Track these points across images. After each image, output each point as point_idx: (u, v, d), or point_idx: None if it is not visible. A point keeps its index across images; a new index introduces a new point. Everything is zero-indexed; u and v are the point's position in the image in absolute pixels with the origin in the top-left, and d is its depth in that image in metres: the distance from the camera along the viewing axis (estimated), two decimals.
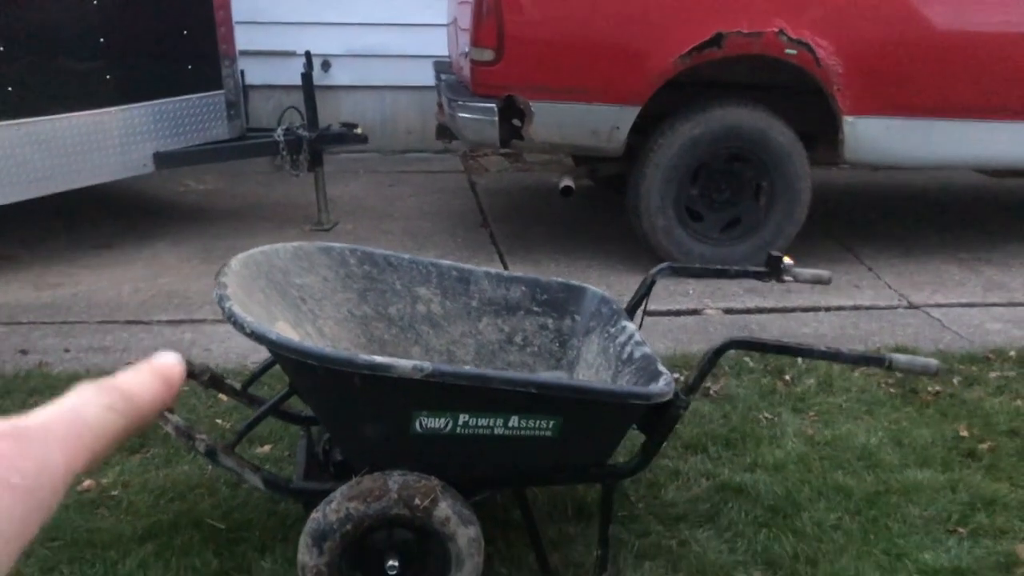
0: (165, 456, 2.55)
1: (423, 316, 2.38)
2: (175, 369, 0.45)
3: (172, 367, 0.45)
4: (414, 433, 1.84)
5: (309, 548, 1.82)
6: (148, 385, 0.44)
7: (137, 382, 0.43)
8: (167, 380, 0.45)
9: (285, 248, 2.25)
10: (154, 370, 0.45)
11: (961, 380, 3.16)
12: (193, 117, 4.44)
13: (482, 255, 4.36)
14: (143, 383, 0.44)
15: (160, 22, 4.30)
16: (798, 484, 2.50)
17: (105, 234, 4.54)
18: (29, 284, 3.87)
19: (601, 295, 2.41)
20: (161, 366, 0.45)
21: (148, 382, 0.44)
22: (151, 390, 0.44)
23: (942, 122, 4.05)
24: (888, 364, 2.00)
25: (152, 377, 0.44)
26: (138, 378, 0.44)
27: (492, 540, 2.12)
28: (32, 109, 3.83)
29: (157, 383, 0.44)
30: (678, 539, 2.26)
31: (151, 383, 0.44)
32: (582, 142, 4.02)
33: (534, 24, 3.84)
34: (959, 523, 2.36)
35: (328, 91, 5.98)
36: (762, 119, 3.99)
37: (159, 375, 0.44)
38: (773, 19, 3.82)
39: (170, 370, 0.45)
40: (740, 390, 3.03)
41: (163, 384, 0.44)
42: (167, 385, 0.45)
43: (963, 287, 4.13)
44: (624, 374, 2.10)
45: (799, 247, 4.21)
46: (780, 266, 2.38)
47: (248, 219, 4.82)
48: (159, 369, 0.45)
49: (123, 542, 2.18)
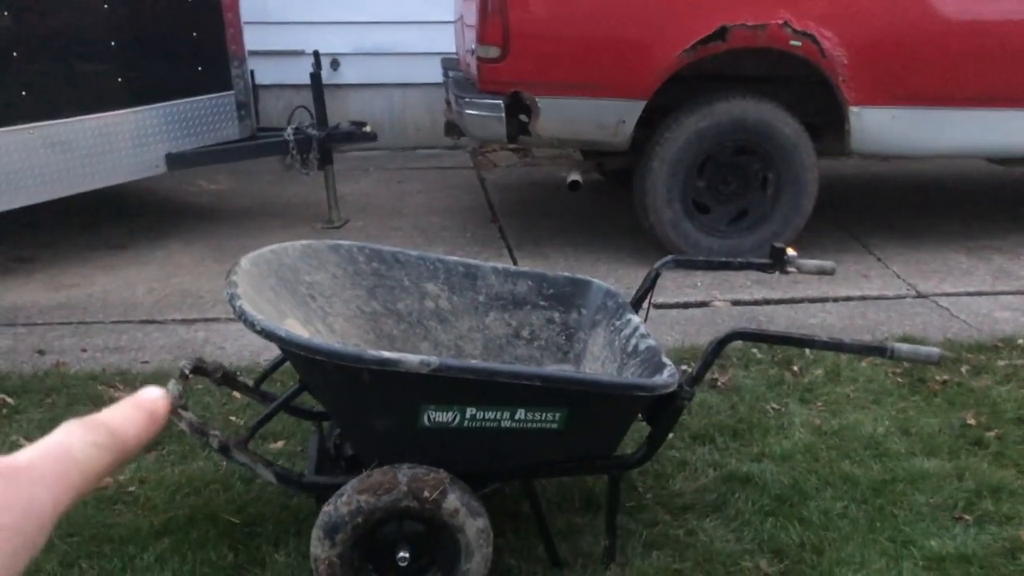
0: (180, 453, 2.59)
1: (431, 312, 2.42)
2: (159, 403, 0.46)
3: (156, 401, 0.46)
4: (422, 427, 1.88)
5: (321, 540, 1.86)
6: (133, 420, 0.44)
7: (122, 417, 0.44)
8: (151, 414, 0.45)
9: (294, 246, 2.29)
10: (139, 405, 0.45)
11: (969, 369, 3.18)
12: (204, 118, 4.49)
13: (491, 250, 4.39)
14: (128, 418, 0.44)
15: (170, 25, 4.35)
16: (805, 473, 2.52)
17: (119, 235, 4.60)
18: (45, 285, 3.93)
19: (606, 288, 2.44)
20: (145, 400, 0.45)
21: (133, 416, 0.44)
22: (136, 424, 0.44)
23: (949, 111, 4.05)
24: (890, 353, 2.02)
25: (137, 412, 0.44)
26: (123, 413, 0.44)
27: (501, 531, 2.15)
28: (46, 112, 3.88)
29: (142, 417, 0.44)
30: (685, 528, 2.29)
31: (136, 417, 0.44)
32: (589, 137, 4.05)
33: (539, 21, 3.87)
34: (965, 510, 2.37)
35: (337, 90, 6.02)
36: (768, 111, 4.01)
37: (144, 409, 0.45)
38: (777, 11, 3.83)
39: (154, 404, 0.45)
40: (747, 381, 3.06)
41: (148, 418, 0.45)
42: (152, 419, 0.45)
43: (971, 276, 4.13)
44: (629, 366, 2.13)
45: (807, 238, 4.23)
46: (784, 258, 2.40)
47: (260, 218, 4.87)
48: (143, 404, 0.45)
49: (140, 537, 2.22)
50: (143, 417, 0.44)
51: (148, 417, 0.45)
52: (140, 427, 0.44)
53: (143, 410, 0.45)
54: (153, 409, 0.45)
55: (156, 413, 0.45)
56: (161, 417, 0.46)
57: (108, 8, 4.10)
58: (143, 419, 0.44)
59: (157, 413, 0.45)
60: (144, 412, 0.45)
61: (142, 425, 0.44)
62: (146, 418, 0.45)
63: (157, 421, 0.45)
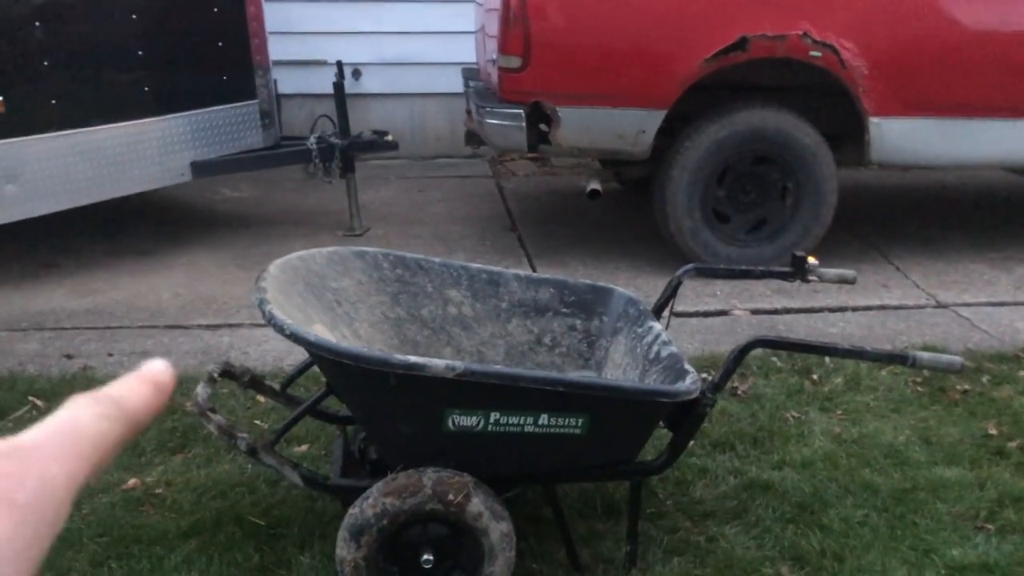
0: (206, 456, 2.63)
1: (454, 318, 2.45)
2: (165, 374, 0.46)
3: (162, 372, 0.46)
4: (447, 431, 1.90)
5: (347, 542, 1.89)
6: (139, 391, 0.44)
7: (128, 389, 0.44)
8: (158, 385, 0.45)
9: (321, 253, 2.33)
10: (144, 377, 0.45)
11: (990, 379, 3.17)
12: (229, 127, 4.55)
13: (511, 258, 4.42)
14: (134, 389, 0.44)
15: (196, 35, 4.42)
16: (825, 481, 2.53)
17: (145, 241, 4.66)
18: (73, 290, 3.99)
19: (628, 296, 2.46)
20: (151, 372, 0.45)
21: (139, 388, 0.44)
22: (143, 396, 0.44)
23: (969, 121, 4.05)
24: (912, 362, 2.03)
25: (143, 384, 0.45)
26: (129, 386, 0.44)
27: (524, 536, 2.18)
28: (75, 121, 3.95)
29: (148, 389, 0.45)
30: (706, 535, 2.30)
31: (142, 389, 0.44)
32: (608, 146, 4.08)
33: (560, 31, 3.90)
34: (987, 519, 2.38)
35: (359, 99, 6.07)
36: (787, 121, 4.02)
37: (149, 381, 0.45)
38: (798, 22, 3.84)
39: (160, 375, 0.45)
40: (768, 389, 3.07)
41: (154, 389, 0.45)
42: (158, 390, 0.45)
43: (993, 286, 4.12)
44: (651, 373, 2.15)
45: (827, 247, 4.23)
46: (804, 266, 2.42)
47: (282, 225, 4.92)
48: (149, 375, 0.45)
49: (168, 538, 2.26)
50: (149, 388, 0.44)
51: (154, 388, 0.45)
52: (147, 398, 0.44)
53: (149, 382, 0.45)
54: (159, 380, 0.45)
55: (162, 384, 0.45)
56: (167, 388, 0.45)
57: (136, 18, 4.17)
58: (149, 390, 0.44)
59: (163, 384, 0.45)
60: (150, 384, 0.45)
61: (149, 396, 0.44)
62: (152, 389, 0.45)
63: (164, 392, 0.45)
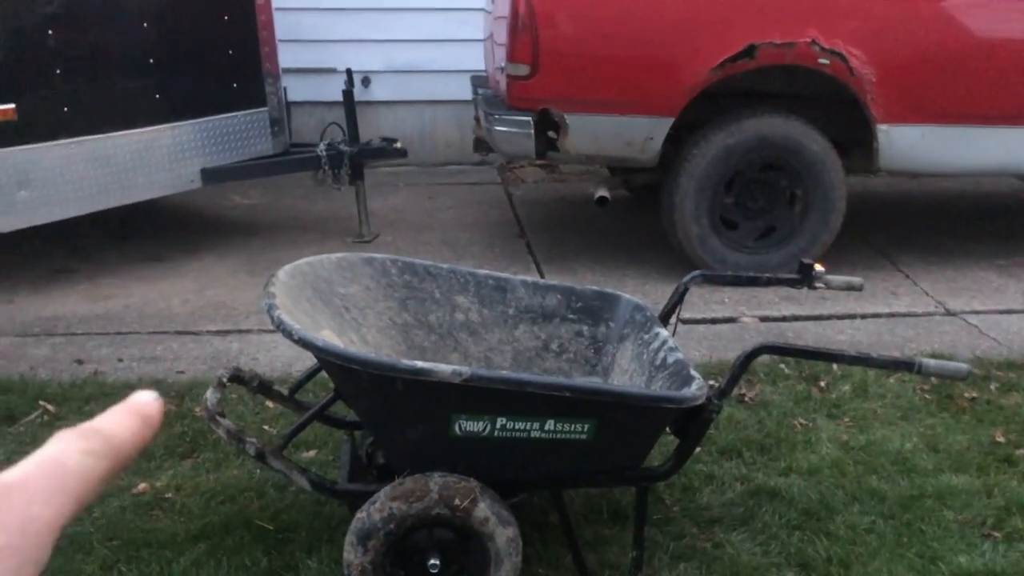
0: (215, 461, 2.65)
1: (461, 324, 2.46)
2: (152, 406, 0.45)
3: (148, 404, 0.45)
4: (454, 436, 1.91)
5: (354, 547, 1.90)
6: (126, 424, 0.44)
7: (116, 423, 0.43)
8: (145, 418, 0.45)
9: (329, 259, 2.35)
10: (131, 409, 0.45)
11: (999, 386, 3.17)
12: (239, 134, 4.58)
13: (519, 265, 4.43)
14: (121, 423, 0.44)
15: (206, 42, 4.45)
16: (832, 488, 2.53)
17: (156, 248, 4.69)
18: (84, 296, 4.02)
19: (635, 302, 2.47)
20: (138, 404, 0.45)
21: (126, 421, 0.44)
22: (130, 429, 0.44)
23: (978, 129, 4.04)
24: (918, 369, 2.03)
25: (130, 416, 0.44)
26: (116, 419, 0.44)
27: (530, 541, 2.18)
28: (87, 128, 3.99)
29: (135, 421, 0.44)
30: (712, 541, 2.31)
31: (129, 422, 0.44)
32: (616, 153, 4.09)
33: (568, 39, 3.92)
34: (994, 527, 2.37)
35: (368, 106, 6.10)
36: (796, 128, 4.02)
37: (136, 413, 0.44)
38: (806, 29, 3.85)
39: (147, 407, 0.45)
40: (775, 396, 3.07)
41: (142, 422, 0.44)
42: (146, 422, 0.44)
43: (1002, 294, 4.12)
44: (658, 379, 2.15)
45: (836, 255, 4.23)
46: (812, 273, 2.42)
47: (292, 232, 4.95)
48: (136, 407, 0.45)
49: (177, 542, 2.28)
50: (137, 421, 0.44)
51: (142, 421, 0.44)
52: (134, 431, 0.44)
53: (136, 414, 0.44)
54: (146, 413, 0.45)
55: (149, 417, 0.45)
56: (155, 420, 0.45)
57: (147, 27, 4.20)
58: (137, 423, 0.44)
59: (150, 417, 0.45)
60: (137, 416, 0.44)
61: (136, 429, 0.44)
62: (140, 422, 0.44)
63: (151, 425, 0.45)
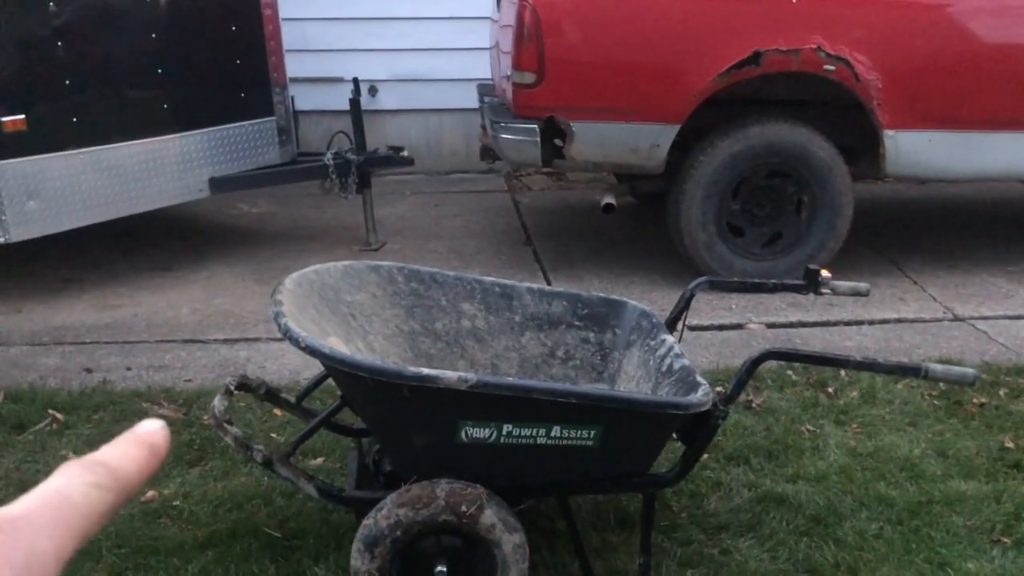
0: (223, 468, 2.65)
1: (468, 331, 2.46)
2: (158, 436, 0.45)
3: (155, 434, 0.45)
4: (460, 442, 1.92)
5: (361, 554, 1.90)
6: (133, 456, 0.43)
7: (122, 454, 0.43)
8: (152, 448, 0.44)
9: (336, 267, 2.35)
10: (138, 439, 0.44)
11: (1007, 392, 3.16)
12: (246, 143, 4.61)
13: (526, 272, 4.44)
14: (127, 454, 0.43)
15: (214, 52, 4.48)
16: (840, 494, 2.53)
17: (164, 257, 4.71)
18: (93, 305, 4.04)
19: (641, 309, 2.47)
20: (145, 434, 0.44)
21: (132, 453, 0.43)
22: (136, 461, 0.43)
23: (985, 134, 4.04)
24: (925, 374, 2.03)
25: (136, 447, 0.44)
26: (122, 450, 0.43)
27: (537, 548, 2.19)
28: (96, 138, 4.02)
29: (142, 452, 0.44)
30: (720, 548, 2.30)
31: (136, 452, 0.43)
32: (623, 160, 4.09)
33: (574, 47, 3.93)
34: (1003, 533, 2.36)
35: (375, 115, 6.13)
36: (802, 134, 4.02)
37: (143, 444, 0.44)
38: (811, 36, 3.86)
39: (153, 437, 0.44)
40: (782, 403, 3.06)
41: (148, 452, 0.44)
42: (152, 453, 0.44)
43: (1010, 299, 4.10)
44: (664, 385, 2.15)
45: (843, 261, 4.22)
46: (818, 279, 2.42)
47: (299, 240, 4.97)
48: (143, 438, 0.44)
49: (185, 550, 2.28)
50: (143, 452, 0.44)
51: (148, 452, 0.44)
52: (140, 463, 0.43)
53: (143, 444, 0.44)
54: (153, 443, 0.44)
55: (156, 447, 0.44)
56: (161, 450, 0.44)
57: (155, 37, 4.23)
58: (143, 454, 0.43)
59: (157, 447, 0.44)
60: (144, 447, 0.44)
61: (142, 460, 0.43)
62: (146, 453, 0.44)
63: (158, 455, 0.44)
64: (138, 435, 0.44)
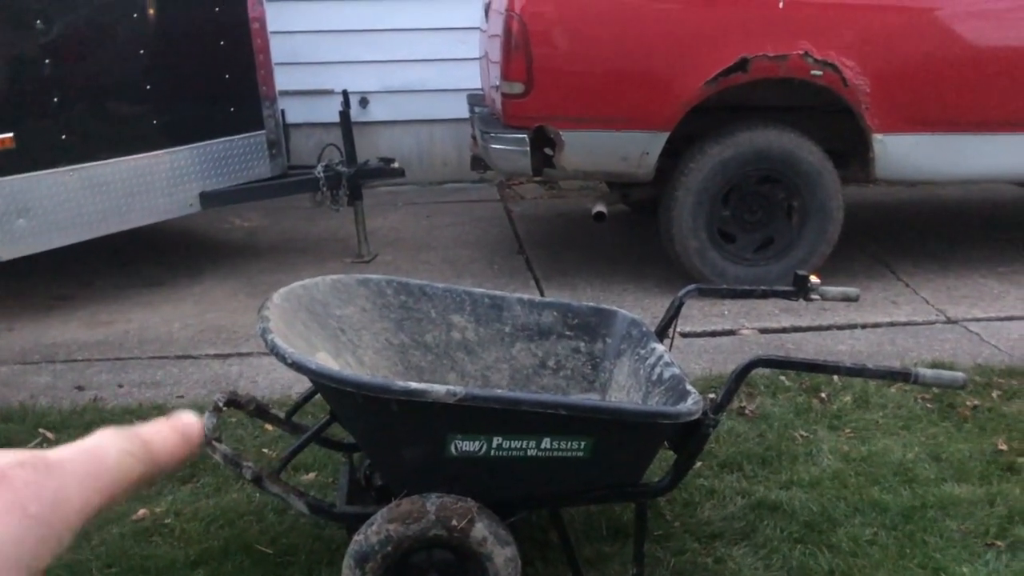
0: (215, 485, 2.64)
1: (458, 343, 2.46)
2: (194, 427, 0.47)
3: (191, 425, 0.47)
4: (450, 456, 1.91)
5: (352, 569, 1.89)
6: (168, 438, 0.45)
7: (157, 434, 0.45)
8: (186, 437, 0.46)
9: (324, 281, 2.35)
10: (175, 426, 0.46)
11: (1000, 394, 3.15)
12: (236, 157, 4.60)
13: (519, 281, 4.43)
14: (163, 435, 0.45)
15: (203, 67, 4.48)
16: (834, 500, 2.52)
17: (155, 272, 4.70)
18: (84, 322, 4.02)
19: (631, 318, 2.46)
20: (182, 423, 0.47)
21: (168, 435, 0.45)
22: (170, 443, 0.45)
23: (974, 136, 4.05)
24: (915, 378, 2.02)
25: (173, 432, 0.46)
26: (159, 430, 0.45)
27: (530, 560, 2.18)
28: (85, 154, 4.01)
29: (176, 438, 0.46)
30: (714, 556, 2.29)
31: (171, 437, 0.46)
32: (613, 168, 4.10)
33: (562, 57, 3.94)
34: (997, 536, 2.36)
35: (366, 127, 6.13)
36: (791, 140, 4.03)
37: (179, 431, 0.46)
38: (798, 42, 3.87)
39: (189, 428, 0.47)
40: (775, 409, 3.06)
41: (182, 439, 0.46)
42: (186, 441, 0.46)
43: (1002, 301, 4.11)
44: (654, 394, 2.15)
45: (835, 265, 4.23)
46: (807, 285, 2.42)
47: (291, 254, 4.96)
48: (179, 426, 0.46)
49: (176, 568, 2.27)
50: (177, 438, 0.46)
51: (182, 439, 0.46)
52: (174, 446, 0.45)
53: (178, 431, 0.46)
54: (188, 432, 0.46)
55: (190, 436, 0.46)
56: (195, 441, 0.47)
57: (143, 53, 4.23)
58: (177, 440, 0.46)
59: (191, 437, 0.47)
60: (179, 434, 0.46)
61: (176, 445, 0.46)
62: (180, 439, 0.46)
63: (190, 444, 0.46)
64: (175, 423, 0.46)
